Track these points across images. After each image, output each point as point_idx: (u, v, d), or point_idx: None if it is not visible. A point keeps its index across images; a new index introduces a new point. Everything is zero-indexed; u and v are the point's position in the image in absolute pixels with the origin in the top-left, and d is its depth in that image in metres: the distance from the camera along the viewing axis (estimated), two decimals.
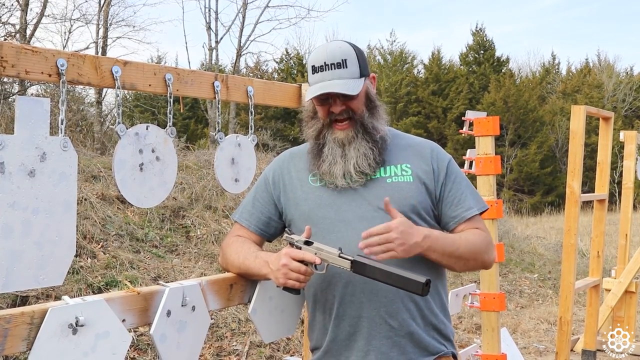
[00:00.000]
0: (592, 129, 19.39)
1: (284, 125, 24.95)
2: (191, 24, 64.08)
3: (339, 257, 1.66)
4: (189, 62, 21.75)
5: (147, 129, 1.72)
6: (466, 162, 3.39)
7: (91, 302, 1.48)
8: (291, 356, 4.38)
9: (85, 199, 5.40)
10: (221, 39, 19.01)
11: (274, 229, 1.95)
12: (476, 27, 31.46)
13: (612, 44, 67.67)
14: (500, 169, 3.36)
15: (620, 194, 6.28)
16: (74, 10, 25.11)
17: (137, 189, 1.69)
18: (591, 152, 13.57)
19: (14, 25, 11.81)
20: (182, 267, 5.15)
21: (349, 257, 1.65)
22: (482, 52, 30.27)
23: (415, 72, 30.11)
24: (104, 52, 15.60)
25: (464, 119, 3.48)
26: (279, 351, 4.49)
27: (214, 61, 19.28)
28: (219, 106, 1.97)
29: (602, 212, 4.68)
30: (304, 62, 26.04)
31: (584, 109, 4.08)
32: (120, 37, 21.56)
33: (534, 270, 8.91)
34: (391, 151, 1.86)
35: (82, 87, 6.65)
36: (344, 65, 1.77)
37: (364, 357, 1.78)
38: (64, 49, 11.78)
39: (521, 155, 26.33)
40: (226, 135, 2.01)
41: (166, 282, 1.74)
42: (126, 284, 4.18)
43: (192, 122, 23.99)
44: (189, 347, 1.73)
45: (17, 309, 1.40)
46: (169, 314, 1.66)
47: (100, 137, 10.36)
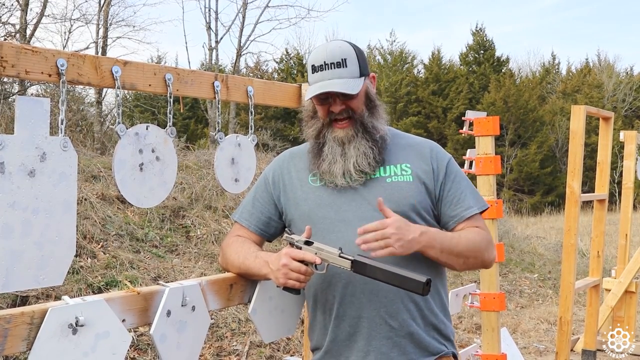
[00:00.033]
0: (592, 129, 19.40)
1: (284, 125, 24.95)
2: (191, 24, 64.11)
3: (340, 257, 1.66)
4: (189, 62, 21.78)
5: (147, 129, 1.72)
6: (466, 162, 3.39)
7: (91, 302, 1.48)
8: (291, 356, 4.37)
9: (85, 199, 5.40)
10: (221, 39, 19.03)
11: (274, 229, 1.95)
12: (476, 27, 31.49)
13: (612, 44, 67.76)
14: (500, 169, 3.36)
15: (620, 194, 6.28)
16: (74, 10, 25.13)
17: (137, 189, 1.69)
18: (591, 152, 13.58)
19: (14, 25, 11.82)
20: (182, 267, 5.15)
21: (350, 257, 1.65)
22: (482, 52, 30.27)
23: (415, 72, 30.11)
24: (104, 52, 15.60)
25: (464, 118, 3.48)
26: (279, 351, 4.48)
27: (214, 61, 19.28)
28: (219, 106, 1.97)
29: (602, 212, 4.68)
30: (304, 62, 26.03)
31: (584, 109, 4.08)
32: (120, 37, 21.57)
33: (534, 270, 8.91)
34: (391, 151, 1.86)
35: (82, 87, 6.65)
36: (344, 64, 1.77)
37: (364, 357, 1.77)
38: (64, 49, 11.78)
39: (521, 155, 26.33)
40: (226, 135, 2.01)
41: (166, 282, 1.74)
42: (126, 284, 4.18)
43: (192, 122, 23.99)
44: (189, 347, 1.73)
45: (17, 309, 1.40)
46: (169, 314, 1.66)
47: (100, 137, 10.35)
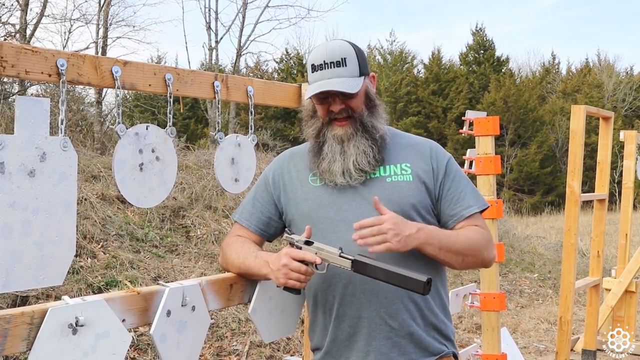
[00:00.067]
0: (592, 129, 19.40)
1: (284, 125, 24.95)
2: (191, 24, 64.12)
3: (340, 256, 1.66)
4: (189, 62, 21.77)
5: (147, 129, 1.72)
6: (466, 161, 3.39)
7: (91, 302, 1.48)
8: (291, 356, 4.37)
9: (85, 199, 5.40)
10: (221, 39, 19.03)
11: (274, 229, 1.95)
12: (476, 27, 31.47)
13: (612, 44, 67.77)
14: (500, 168, 3.36)
15: (620, 194, 6.28)
16: (74, 10, 25.14)
17: (137, 189, 1.69)
18: (591, 151, 13.56)
19: (14, 25, 11.82)
20: (182, 267, 5.15)
21: (350, 257, 1.65)
22: (482, 52, 30.26)
23: (415, 72, 30.11)
24: (104, 52, 15.60)
25: (464, 118, 3.48)
26: (279, 351, 4.48)
27: (214, 61, 19.28)
28: (219, 106, 1.97)
29: (602, 212, 4.68)
30: (304, 62, 26.03)
31: (584, 109, 4.08)
32: (120, 37, 21.55)
33: (534, 270, 8.91)
34: (391, 150, 1.86)
35: (82, 87, 6.65)
36: (344, 63, 1.77)
37: (364, 357, 1.77)
38: (64, 49, 11.78)
39: (521, 155, 26.33)
40: (226, 135, 2.01)
41: (166, 282, 1.74)
42: (126, 284, 4.18)
43: (192, 122, 23.99)
44: (189, 347, 1.73)
45: (17, 309, 1.40)
46: (169, 314, 1.66)
47: (100, 137, 10.35)
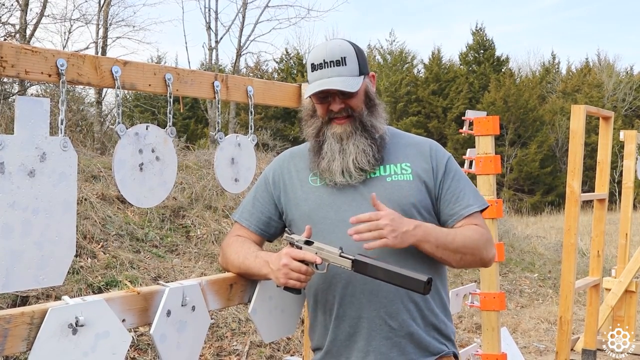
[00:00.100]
0: (592, 129, 19.39)
1: (284, 125, 24.94)
2: (191, 24, 64.16)
3: (340, 256, 1.66)
4: (189, 62, 21.77)
5: (147, 128, 1.72)
6: (466, 161, 3.39)
7: (91, 302, 1.48)
8: (291, 356, 4.37)
9: (85, 199, 5.40)
10: (221, 39, 19.03)
11: (274, 229, 1.95)
12: (476, 26, 31.51)
13: (612, 44, 67.80)
14: (500, 168, 3.36)
15: (620, 194, 6.29)
16: (73, 10, 25.17)
17: (137, 189, 1.69)
18: (591, 151, 13.56)
19: (13, 25, 11.82)
20: (182, 267, 5.15)
21: (350, 257, 1.64)
22: (482, 51, 30.25)
23: (415, 71, 30.09)
24: (103, 52, 15.60)
25: (464, 118, 3.48)
26: (279, 351, 4.48)
27: (213, 61, 19.28)
28: (219, 106, 1.97)
29: (602, 212, 4.68)
30: (304, 62, 26.02)
31: (584, 109, 4.08)
32: (120, 37, 21.52)
33: (534, 269, 8.91)
34: (391, 150, 1.86)
35: (82, 87, 6.65)
36: (343, 62, 1.77)
37: (364, 357, 1.77)
38: (63, 49, 11.79)
39: (521, 154, 26.33)
40: (226, 135, 2.01)
41: (166, 282, 1.74)
42: (126, 284, 4.18)
43: (192, 122, 23.99)
44: (189, 347, 1.73)
45: (17, 309, 1.40)
46: (169, 313, 1.66)
47: (100, 137, 10.35)
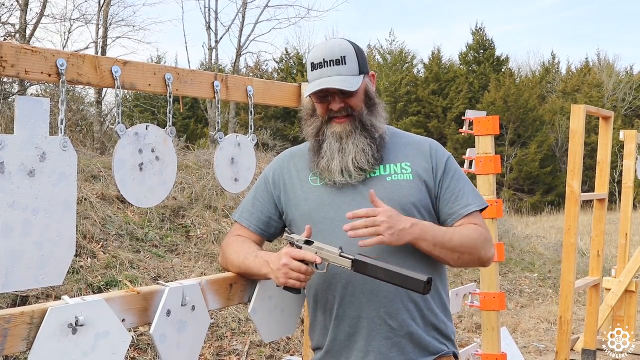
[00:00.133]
0: (592, 129, 19.39)
1: (284, 125, 24.94)
2: (191, 24, 64.22)
3: (340, 256, 1.66)
4: (189, 62, 21.76)
5: (147, 128, 1.72)
6: (466, 161, 3.39)
7: (91, 302, 1.48)
8: (291, 356, 4.37)
9: (85, 199, 5.40)
10: (221, 38, 19.03)
11: (274, 229, 1.95)
12: (476, 26, 31.51)
13: (612, 44, 67.80)
14: (500, 168, 3.36)
15: (620, 194, 6.29)
16: (73, 10, 25.17)
17: (137, 189, 1.69)
18: (591, 151, 13.57)
19: (14, 25, 11.83)
20: (182, 267, 5.15)
21: (350, 257, 1.64)
22: (482, 51, 30.25)
23: (415, 71, 30.09)
24: (103, 52, 15.60)
25: (464, 118, 3.48)
26: (279, 351, 4.48)
27: (213, 61, 19.28)
28: (219, 106, 1.97)
29: (602, 212, 4.68)
30: (304, 61, 26.01)
31: (584, 109, 4.08)
32: (120, 37, 21.52)
33: (534, 269, 8.91)
34: (391, 149, 1.86)
35: (82, 87, 6.65)
36: (343, 62, 1.77)
37: (364, 357, 1.77)
38: (63, 49, 11.79)
39: (521, 154, 26.33)
40: (226, 135, 2.01)
41: (166, 282, 1.74)
42: (126, 284, 4.18)
43: (192, 122, 23.98)
44: (189, 347, 1.73)
45: (17, 309, 1.40)
46: (169, 313, 1.66)
47: (100, 137, 10.35)
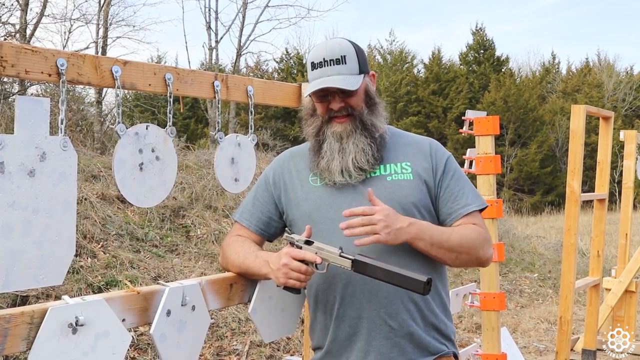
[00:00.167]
0: (592, 129, 19.39)
1: (284, 124, 24.94)
2: (191, 24, 64.48)
3: (340, 256, 1.66)
4: (189, 62, 21.77)
5: (147, 128, 1.72)
6: (466, 161, 3.39)
7: (91, 302, 1.48)
8: (291, 356, 4.37)
9: (85, 199, 5.40)
10: (221, 38, 19.03)
11: (274, 228, 1.95)
12: (476, 26, 31.53)
13: (612, 44, 67.80)
14: (500, 168, 3.36)
15: (620, 194, 6.29)
16: (74, 10, 25.20)
17: (137, 189, 1.69)
18: (591, 151, 13.56)
19: (14, 25, 11.83)
20: (182, 266, 5.15)
21: (350, 257, 1.64)
22: (482, 51, 30.25)
23: (415, 71, 30.09)
24: (104, 52, 15.60)
25: (464, 118, 3.48)
26: (279, 351, 4.48)
27: (214, 61, 19.28)
28: (219, 106, 1.97)
29: (602, 212, 4.68)
30: (304, 61, 25.99)
31: (584, 109, 4.08)
32: (120, 37, 21.54)
33: (534, 269, 8.91)
34: (391, 149, 1.86)
35: (82, 86, 6.65)
36: (343, 61, 1.77)
37: (364, 357, 1.77)
38: (64, 48, 11.77)
39: (521, 154, 26.33)
40: (226, 134, 2.01)
41: (166, 282, 1.74)
42: (126, 284, 4.17)
43: (192, 122, 23.98)
44: (189, 347, 1.73)
45: (17, 308, 1.40)
46: (168, 313, 1.66)
47: (100, 137, 10.35)
